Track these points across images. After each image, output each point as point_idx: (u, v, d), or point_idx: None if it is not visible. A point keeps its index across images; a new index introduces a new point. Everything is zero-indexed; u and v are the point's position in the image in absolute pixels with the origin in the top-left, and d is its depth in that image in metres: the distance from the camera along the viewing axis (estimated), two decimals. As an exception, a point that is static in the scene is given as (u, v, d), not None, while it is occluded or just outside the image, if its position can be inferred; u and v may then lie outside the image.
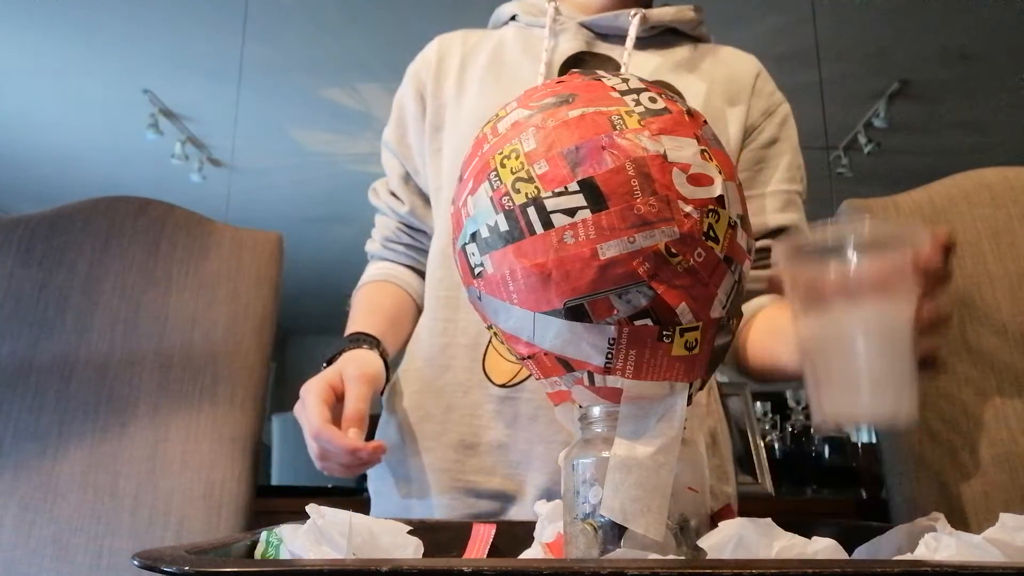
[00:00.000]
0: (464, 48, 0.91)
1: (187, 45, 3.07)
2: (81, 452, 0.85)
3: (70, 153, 3.90)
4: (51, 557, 0.81)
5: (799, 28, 2.90)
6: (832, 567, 0.33)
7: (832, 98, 3.22)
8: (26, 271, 0.92)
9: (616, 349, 0.43)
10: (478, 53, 0.89)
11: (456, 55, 0.90)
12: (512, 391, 0.75)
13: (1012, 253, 0.88)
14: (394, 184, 0.92)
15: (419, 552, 0.51)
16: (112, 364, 0.89)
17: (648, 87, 0.48)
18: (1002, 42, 3.01)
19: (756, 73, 0.88)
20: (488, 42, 0.90)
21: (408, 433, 0.80)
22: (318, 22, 2.92)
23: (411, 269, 0.92)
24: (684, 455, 0.44)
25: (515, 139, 0.46)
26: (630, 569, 0.33)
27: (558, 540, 0.50)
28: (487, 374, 0.77)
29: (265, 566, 0.40)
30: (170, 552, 0.37)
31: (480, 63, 0.88)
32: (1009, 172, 0.94)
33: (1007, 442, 0.80)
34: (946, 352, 0.85)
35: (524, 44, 0.87)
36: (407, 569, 0.33)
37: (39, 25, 2.95)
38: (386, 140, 0.93)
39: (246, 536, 0.48)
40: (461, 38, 0.92)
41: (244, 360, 0.91)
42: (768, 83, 0.89)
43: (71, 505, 0.83)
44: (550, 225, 0.43)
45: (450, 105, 0.87)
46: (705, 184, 0.44)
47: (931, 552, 0.43)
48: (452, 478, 0.76)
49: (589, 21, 0.85)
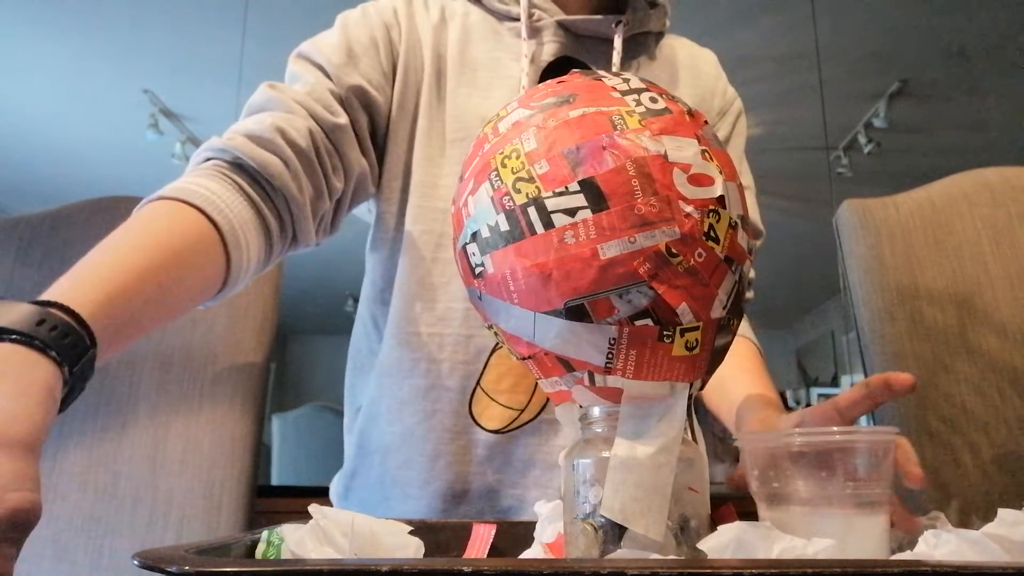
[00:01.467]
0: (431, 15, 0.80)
1: (187, 45, 3.07)
2: (81, 452, 0.85)
3: (70, 153, 3.91)
4: (51, 557, 0.81)
5: (799, 28, 2.91)
6: (832, 567, 0.33)
7: (832, 98, 3.22)
8: (26, 271, 0.92)
9: (616, 349, 0.43)
10: (445, 34, 0.79)
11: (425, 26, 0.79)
12: (506, 438, 0.71)
13: (1012, 253, 0.88)
14: (322, 93, 0.71)
15: (420, 552, 0.51)
16: (112, 364, 0.89)
17: (649, 87, 0.48)
18: (1002, 42, 3.01)
19: (717, 75, 0.89)
20: (452, 23, 0.80)
21: (388, 479, 0.74)
22: (318, 22, 2.91)
23: (257, 213, 0.62)
24: (684, 455, 0.44)
25: (516, 139, 0.46)
26: (630, 569, 0.33)
27: (558, 540, 0.50)
28: (475, 419, 0.72)
29: (266, 566, 0.40)
30: (170, 552, 0.37)
31: (452, 54, 0.78)
32: (1009, 172, 0.94)
33: (1007, 442, 0.80)
34: (946, 353, 0.85)
35: (495, 37, 0.79)
36: (407, 569, 0.33)
37: (39, 25, 2.95)
38: (309, 53, 0.75)
39: (246, 536, 0.48)
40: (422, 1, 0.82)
41: (244, 360, 0.91)
42: (723, 80, 0.89)
43: (71, 505, 0.83)
44: (551, 225, 0.43)
45: (424, 93, 0.77)
46: (706, 184, 0.44)
47: (931, 549, 0.43)
48: None
49: (568, 22, 0.79)
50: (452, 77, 0.78)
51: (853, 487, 0.45)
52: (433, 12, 0.81)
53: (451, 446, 0.72)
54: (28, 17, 2.90)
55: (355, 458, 0.78)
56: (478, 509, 0.71)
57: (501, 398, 0.72)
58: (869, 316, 0.88)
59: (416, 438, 0.72)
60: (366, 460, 0.77)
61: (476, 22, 0.80)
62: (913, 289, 0.88)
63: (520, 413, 0.72)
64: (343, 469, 0.81)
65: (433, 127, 0.77)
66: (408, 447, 0.73)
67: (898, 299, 0.88)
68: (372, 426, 0.76)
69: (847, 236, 0.93)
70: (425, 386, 0.73)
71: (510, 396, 0.72)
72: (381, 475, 0.75)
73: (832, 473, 0.45)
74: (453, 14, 0.81)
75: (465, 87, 0.78)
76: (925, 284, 0.88)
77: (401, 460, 0.73)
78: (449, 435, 0.72)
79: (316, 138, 0.68)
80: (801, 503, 0.45)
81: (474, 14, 0.81)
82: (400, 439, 0.73)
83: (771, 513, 0.47)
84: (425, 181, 0.76)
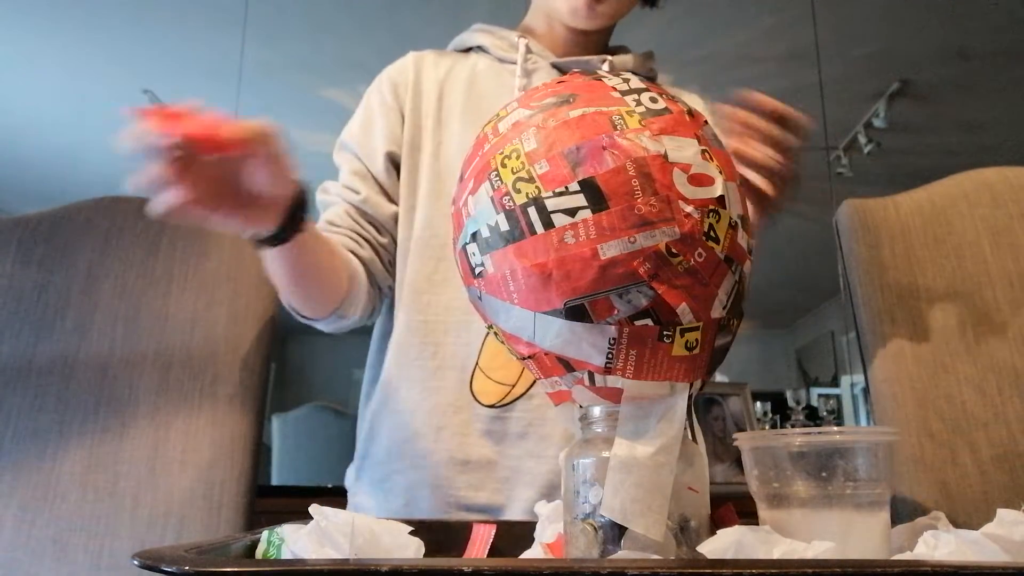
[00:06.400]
0: (438, 71, 0.92)
1: (187, 45, 3.07)
2: (81, 452, 0.85)
3: (71, 153, 3.91)
4: (51, 557, 0.80)
5: (799, 28, 2.90)
6: (832, 567, 0.33)
7: (832, 98, 3.22)
8: (26, 271, 0.92)
9: (616, 349, 0.43)
10: (454, 80, 0.91)
11: (432, 78, 0.92)
12: (501, 411, 0.79)
13: (1012, 253, 0.88)
14: (348, 179, 0.89)
15: (420, 552, 0.51)
16: (112, 364, 0.89)
17: (649, 87, 0.48)
18: (1002, 42, 3.01)
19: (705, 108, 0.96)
20: (461, 70, 0.92)
21: (395, 450, 0.82)
22: (318, 22, 2.92)
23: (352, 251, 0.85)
24: (684, 455, 0.44)
25: (516, 139, 0.46)
26: (630, 569, 0.33)
27: (558, 540, 0.50)
28: (475, 395, 0.80)
29: (266, 566, 0.40)
30: (170, 552, 0.37)
31: (458, 93, 0.90)
32: (1009, 172, 0.94)
33: (1007, 442, 0.80)
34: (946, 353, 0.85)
35: (497, 79, 0.90)
36: (407, 569, 0.33)
37: (40, 25, 2.95)
38: (345, 142, 0.92)
39: (246, 536, 0.48)
40: (433, 60, 0.94)
41: (244, 360, 0.91)
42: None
43: (71, 505, 0.83)
44: (551, 225, 0.43)
45: (428, 128, 0.89)
46: (706, 184, 0.44)
47: (930, 550, 0.43)
48: (444, 493, 0.78)
49: (561, 63, 0.89)
50: (459, 107, 0.89)
51: (853, 487, 0.45)
52: (440, 69, 0.93)
53: (453, 419, 0.79)
54: (28, 17, 2.89)
55: (366, 440, 0.86)
56: (479, 478, 0.77)
57: (495, 375, 0.80)
58: (869, 316, 0.88)
59: (422, 412, 0.81)
60: (376, 439, 0.85)
61: (483, 68, 0.92)
62: (913, 289, 0.88)
63: (512, 388, 0.79)
64: (355, 456, 0.88)
65: (440, 148, 0.89)
66: (415, 421, 0.81)
67: (898, 299, 0.88)
68: (382, 406, 0.85)
69: (847, 236, 0.93)
70: (432, 367, 0.81)
71: (503, 372, 0.80)
72: (389, 449, 0.82)
73: (832, 473, 0.45)
74: (464, 66, 0.93)
75: (471, 113, 0.89)
76: (925, 284, 0.88)
77: (408, 434, 0.81)
78: (452, 409, 0.80)
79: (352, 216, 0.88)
80: (801, 503, 0.45)
81: (482, 62, 0.93)
82: (409, 415, 0.82)
83: (771, 513, 0.47)
84: (433, 190, 0.87)
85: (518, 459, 0.77)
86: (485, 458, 0.78)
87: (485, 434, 0.78)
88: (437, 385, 0.81)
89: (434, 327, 0.82)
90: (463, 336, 0.81)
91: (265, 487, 2.62)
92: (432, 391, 0.81)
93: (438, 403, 0.80)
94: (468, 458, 0.78)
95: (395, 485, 0.81)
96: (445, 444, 0.79)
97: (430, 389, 0.81)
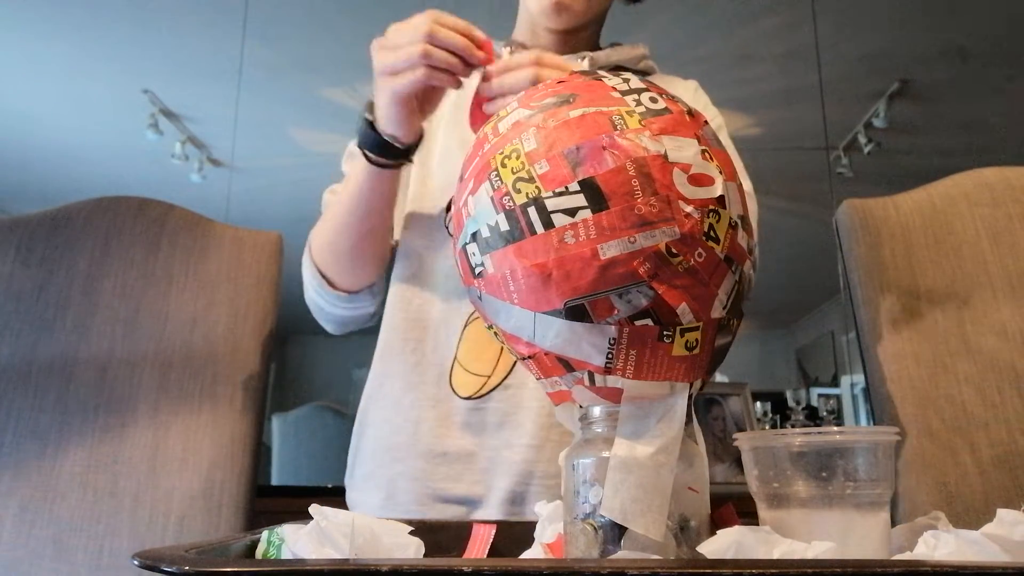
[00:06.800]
0: None
1: (187, 45, 3.07)
2: (81, 452, 0.85)
3: (70, 153, 3.91)
4: (51, 557, 0.80)
5: (799, 28, 2.91)
6: (832, 567, 0.33)
7: (832, 98, 3.22)
8: (26, 271, 0.92)
9: (616, 349, 0.43)
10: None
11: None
12: (478, 403, 0.80)
13: (1012, 253, 0.88)
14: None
15: (420, 552, 0.51)
16: (112, 364, 0.89)
17: (649, 87, 0.48)
18: (1002, 42, 3.01)
19: (694, 88, 0.96)
20: None
21: (379, 445, 0.84)
22: (318, 22, 2.92)
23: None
24: (684, 455, 0.44)
25: (516, 139, 0.46)
26: (630, 569, 0.33)
27: (558, 540, 0.50)
28: (454, 388, 0.81)
29: (265, 566, 0.40)
30: (170, 552, 0.37)
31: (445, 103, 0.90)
32: (1009, 172, 0.94)
33: (1007, 442, 0.80)
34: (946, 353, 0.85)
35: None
36: (407, 569, 0.33)
37: (40, 26, 2.95)
38: (354, 151, 0.93)
39: (246, 536, 0.48)
40: None
41: (244, 360, 0.91)
42: (702, 97, 0.96)
43: (71, 505, 0.83)
44: (551, 225, 0.43)
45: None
46: (706, 184, 0.44)
47: (930, 550, 0.43)
48: (424, 486, 0.79)
49: None
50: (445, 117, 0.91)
51: (853, 487, 0.45)
52: None
53: (432, 412, 0.81)
54: (28, 17, 2.90)
55: (358, 436, 0.88)
56: (457, 470, 0.79)
57: (472, 367, 0.81)
58: (869, 316, 0.88)
59: (403, 407, 0.83)
60: (364, 435, 0.87)
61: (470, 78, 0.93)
62: (913, 289, 0.88)
63: (488, 379, 0.80)
64: (349, 452, 0.90)
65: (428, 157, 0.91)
66: (397, 416, 0.83)
67: (898, 299, 0.88)
68: (370, 402, 0.88)
69: (847, 236, 0.93)
70: (413, 362, 0.84)
71: (478, 364, 0.81)
72: (375, 443, 0.84)
73: (832, 473, 0.45)
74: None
75: (454, 124, 0.90)
76: (925, 284, 0.88)
77: (392, 428, 0.83)
78: (431, 403, 0.81)
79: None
80: (801, 503, 0.45)
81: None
82: (392, 410, 0.84)
83: (771, 513, 0.47)
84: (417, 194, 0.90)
85: (495, 450, 0.78)
86: (464, 450, 0.79)
87: (464, 426, 0.80)
88: (418, 380, 0.83)
89: (415, 324, 0.85)
90: (442, 332, 0.83)
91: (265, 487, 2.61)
92: (413, 386, 0.83)
93: (418, 397, 0.82)
94: (447, 450, 0.79)
95: (379, 479, 0.82)
96: (424, 437, 0.80)
97: (411, 384, 0.83)
